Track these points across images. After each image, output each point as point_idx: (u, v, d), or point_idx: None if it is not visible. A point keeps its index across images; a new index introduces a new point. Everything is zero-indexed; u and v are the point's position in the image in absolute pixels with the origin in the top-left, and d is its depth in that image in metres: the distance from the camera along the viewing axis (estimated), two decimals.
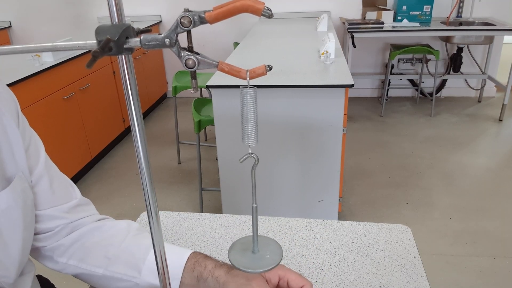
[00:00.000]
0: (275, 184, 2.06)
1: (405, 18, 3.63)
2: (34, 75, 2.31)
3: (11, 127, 0.62)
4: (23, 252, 0.64)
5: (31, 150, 0.66)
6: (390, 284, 0.76)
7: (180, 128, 3.41)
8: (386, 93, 3.98)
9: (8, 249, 0.61)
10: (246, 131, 0.40)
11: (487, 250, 2.08)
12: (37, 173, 0.67)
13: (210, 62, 0.38)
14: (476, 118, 3.71)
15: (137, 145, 0.41)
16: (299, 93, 1.85)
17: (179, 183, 2.82)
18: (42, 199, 0.68)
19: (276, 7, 3.97)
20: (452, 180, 2.72)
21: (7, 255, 0.61)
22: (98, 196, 2.70)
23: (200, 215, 1.00)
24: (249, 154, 0.42)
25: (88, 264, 0.71)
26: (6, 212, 0.59)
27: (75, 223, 0.72)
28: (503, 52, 4.02)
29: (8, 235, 0.61)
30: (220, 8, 0.35)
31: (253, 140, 0.41)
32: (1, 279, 0.61)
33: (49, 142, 2.49)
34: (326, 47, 2.16)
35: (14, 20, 4.31)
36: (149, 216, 0.45)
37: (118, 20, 0.35)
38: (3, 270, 0.61)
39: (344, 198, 2.56)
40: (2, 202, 0.59)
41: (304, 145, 1.96)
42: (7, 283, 0.63)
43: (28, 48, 0.38)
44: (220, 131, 1.97)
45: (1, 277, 0.61)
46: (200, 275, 0.67)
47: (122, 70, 0.38)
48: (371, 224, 0.93)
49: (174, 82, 2.86)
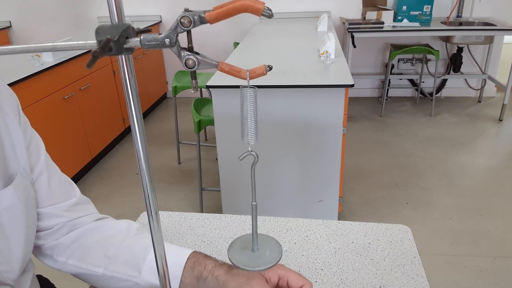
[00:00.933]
0: (275, 184, 2.06)
1: (405, 18, 3.63)
2: (34, 75, 2.31)
3: (13, 125, 0.63)
4: (26, 248, 0.65)
5: (32, 148, 0.67)
6: (390, 284, 0.76)
7: (180, 128, 3.42)
8: (386, 93, 3.98)
9: (11, 245, 0.62)
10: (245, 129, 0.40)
11: (487, 250, 2.08)
12: (37, 170, 0.67)
13: (210, 62, 0.38)
14: (476, 118, 3.71)
15: (137, 145, 0.41)
16: (299, 93, 1.85)
17: (179, 183, 2.82)
18: (41, 196, 0.68)
19: (276, 7, 3.97)
20: (452, 180, 2.72)
21: (10, 252, 0.62)
22: (98, 196, 2.70)
23: (200, 215, 1.00)
24: (249, 152, 0.42)
25: (87, 263, 0.71)
26: (9, 209, 0.60)
27: (75, 221, 0.72)
28: (503, 52, 4.02)
29: (11, 232, 0.61)
30: (220, 8, 0.35)
31: (252, 138, 0.41)
32: (5, 275, 0.62)
33: (49, 142, 2.49)
34: (326, 47, 2.16)
35: (14, 20, 4.31)
36: (149, 216, 0.45)
37: (118, 20, 0.35)
38: (6, 266, 0.62)
39: (344, 198, 2.56)
40: (6, 199, 0.60)
41: (304, 145, 1.96)
42: (11, 279, 0.64)
43: (28, 48, 0.38)
44: (220, 131, 1.97)
45: (5, 273, 0.62)
46: (200, 275, 0.67)
47: (122, 70, 0.38)
48: (371, 224, 0.93)
49: (174, 82, 2.86)
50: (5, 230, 0.61)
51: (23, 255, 0.64)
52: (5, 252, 0.61)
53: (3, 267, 0.61)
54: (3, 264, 0.61)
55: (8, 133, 0.62)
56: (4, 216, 0.60)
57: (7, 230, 0.61)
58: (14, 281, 0.64)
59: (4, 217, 0.60)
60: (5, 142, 0.62)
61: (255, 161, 0.40)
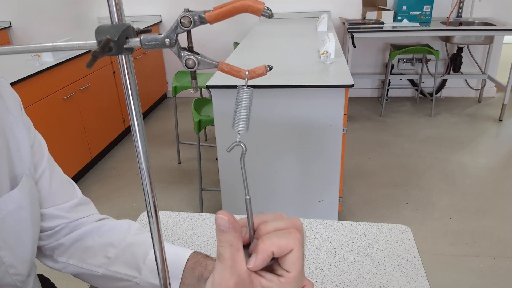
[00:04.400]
0: (275, 184, 2.06)
1: (405, 18, 3.63)
2: (34, 75, 2.31)
3: (18, 125, 0.63)
4: (33, 249, 0.65)
5: (35, 148, 0.67)
6: (390, 284, 0.76)
7: (180, 128, 3.41)
8: (386, 93, 3.98)
9: (19, 248, 0.62)
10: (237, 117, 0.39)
11: (487, 250, 2.08)
12: (40, 170, 0.67)
13: (210, 62, 0.38)
14: (476, 118, 3.71)
15: (137, 145, 0.41)
16: (299, 93, 1.85)
17: (179, 183, 2.82)
18: (43, 197, 0.68)
19: (276, 7, 3.97)
20: (452, 180, 2.72)
21: (19, 254, 0.62)
22: (98, 196, 2.70)
23: (200, 215, 1.00)
24: (237, 143, 0.41)
25: (88, 263, 0.71)
26: (16, 211, 0.60)
27: (76, 222, 0.72)
28: (503, 52, 4.02)
29: (19, 234, 0.61)
30: (220, 8, 0.35)
31: (243, 127, 0.40)
32: (14, 277, 0.62)
33: (49, 142, 2.48)
34: (326, 47, 2.16)
35: (14, 20, 4.31)
36: (149, 216, 0.45)
37: (118, 20, 0.35)
38: (16, 268, 0.62)
39: (344, 198, 2.56)
40: (13, 202, 0.59)
41: (304, 145, 1.96)
42: (20, 281, 0.64)
43: (28, 48, 0.38)
44: (220, 131, 1.97)
45: (14, 275, 0.62)
46: (201, 275, 0.67)
47: (122, 70, 0.38)
48: (371, 224, 0.93)
49: (174, 82, 2.86)
50: (13, 232, 0.60)
51: (31, 257, 0.64)
52: (14, 255, 0.61)
53: (13, 269, 0.61)
54: (13, 267, 0.61)
55: (13, 133, 0.62)
56: (12, 218, 0.60)
57: (15, 232, 0.60)
58: (22, 282, 0.64)
59: (12, 219, 0.60)
60: (11, 143, 0.61)
61: (244, 151, 0.39)
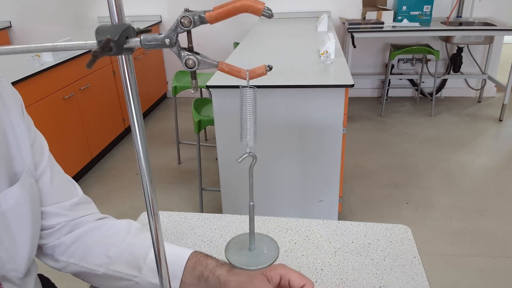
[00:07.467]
0: (275, 184, 2.06)
1: (405, 18, 3.63)
2: (34, 75, 2.31)
3: (18, 123, 0.64)
4: (32, 247, 0.65)
5: (35, 147, 0.68)
6: (390, 284, 0.76)
7: (180, 128, 3.41)
8: (386, 93, 3.98)
9: (18, 244, 0.62)
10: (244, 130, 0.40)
11: (487, 250, 2.08)
12: (40, 169, 0.68)
13: (210, 62, 0.38)
14: (476, 118, 3.71)
15: (137, 145, 0.41)
16: (299, 93, 1.85)
17: (179, 183, 2.82)
18: (44, 195, 0.69)
19: (276, 7, 3.97)
20: (452, 180, 2.72)
21: (17, 250, 0.63)
22: (98, 196, 2.70)
23: (200, 215, 1.00)
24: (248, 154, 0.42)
25: (89, 263, 0.71)
26: (15, 207, 0.61)
27: (76, 221, 0.72)
28: (503, 52, 4.02)
29: (17, 231, 0.62)
30: (220, 8, 0.35)
31: (251, 140, 0.40)
32: (11, 273, 0.63)
33: (49, 142, 2.47)
34: (326, 47, 2.16)
35: (14, 20, 4.31)
36: (149, 216, 0.45)
37: (118, 20, 0.35)
38: (13, 264, 0.62)
39: (344, 198, 2.56)
40: (12, 198, 0.60)
41: (304, 145, 1.96)
42: (17, 277, 0.64)
43: (28, 48, 0.38)
44: (220, 131, 1.97)
45: (11, 271, 0.62)
46: (201, 275, 0.67)
47: (122, 70, 0.38)
48: (371, 224, 0.93)
49: (174, 82, 2.86)
50: (12, 228, 0.61)
51: (29, 254, 0.65)
52: (11, 251, 0.62)
53: (10, 265, 0.62)
54: (10, 262, 0.62)
55: (13, 131, 0.63)
56: (11, 214, 0.60)
57: (13, 229, 0.61)
58: (20, 280, 0.65)
59: (11, 215, 0.60)
60: (11, 140, 0.62)
61: (253, 162, 0.40)
